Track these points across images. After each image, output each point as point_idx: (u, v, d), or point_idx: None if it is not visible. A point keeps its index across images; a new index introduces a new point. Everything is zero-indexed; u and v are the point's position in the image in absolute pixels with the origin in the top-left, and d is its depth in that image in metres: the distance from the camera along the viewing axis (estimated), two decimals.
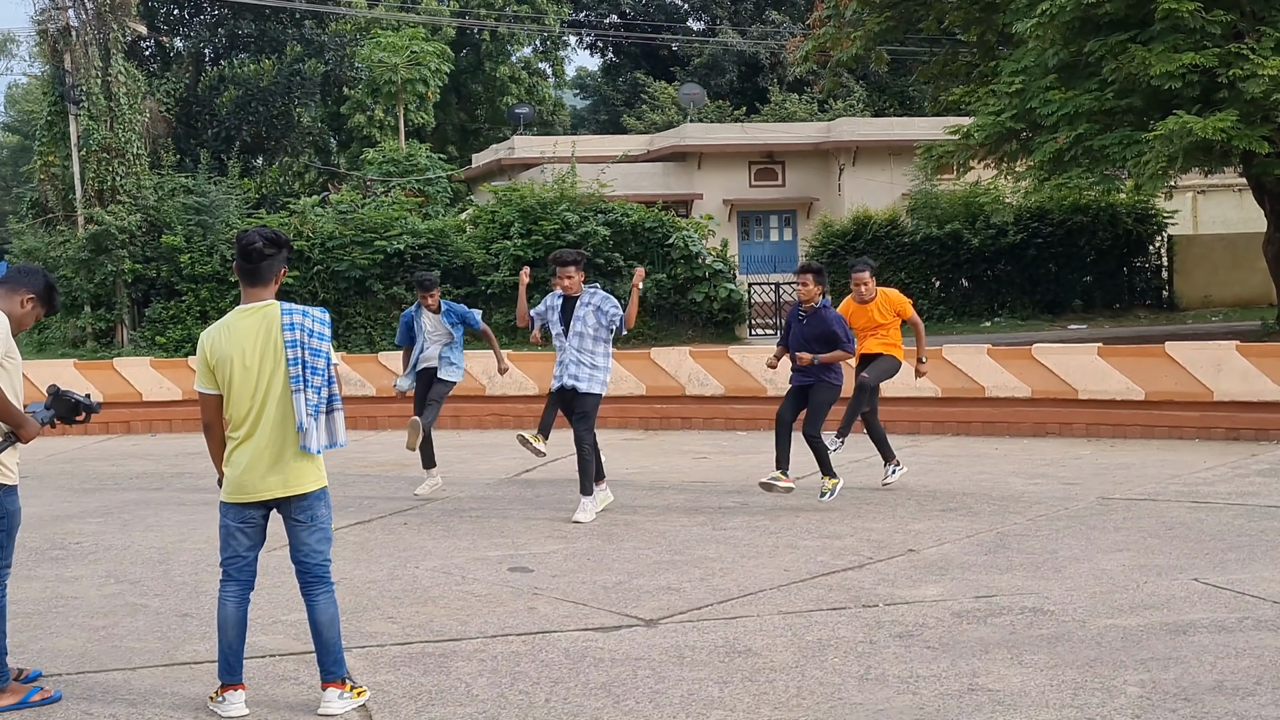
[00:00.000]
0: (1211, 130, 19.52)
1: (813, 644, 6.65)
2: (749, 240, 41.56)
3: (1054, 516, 9.93)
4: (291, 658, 6.64)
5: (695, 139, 41.54)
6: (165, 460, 15.28)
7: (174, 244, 27.81)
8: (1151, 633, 6.62)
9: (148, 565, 9.10)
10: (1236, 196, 37.10)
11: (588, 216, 28.94)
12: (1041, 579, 7.89)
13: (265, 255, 5.70)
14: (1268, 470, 11.70)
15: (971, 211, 33.20)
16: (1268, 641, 6.39)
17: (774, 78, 59.26)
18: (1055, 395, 14.62)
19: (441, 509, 11.21)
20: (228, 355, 5.66)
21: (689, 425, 16.59)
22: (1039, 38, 22.41)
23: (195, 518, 10.93)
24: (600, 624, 7.18)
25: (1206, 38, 20.45)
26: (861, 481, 11.88)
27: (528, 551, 9.22)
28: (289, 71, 45.57)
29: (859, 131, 41.30)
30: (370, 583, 8.30)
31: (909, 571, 8.24)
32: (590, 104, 74.07)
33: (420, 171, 39.58)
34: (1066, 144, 22.09)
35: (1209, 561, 8.18)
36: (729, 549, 9.10)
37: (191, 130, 43.65)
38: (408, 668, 6.43)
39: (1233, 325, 28.84)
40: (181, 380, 18.37)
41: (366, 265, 28.08)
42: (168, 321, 27.97)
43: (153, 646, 6.94)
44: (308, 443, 5.66)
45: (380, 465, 14.13)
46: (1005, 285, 33.15)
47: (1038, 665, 6.16)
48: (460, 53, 57.61)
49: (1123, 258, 34.22)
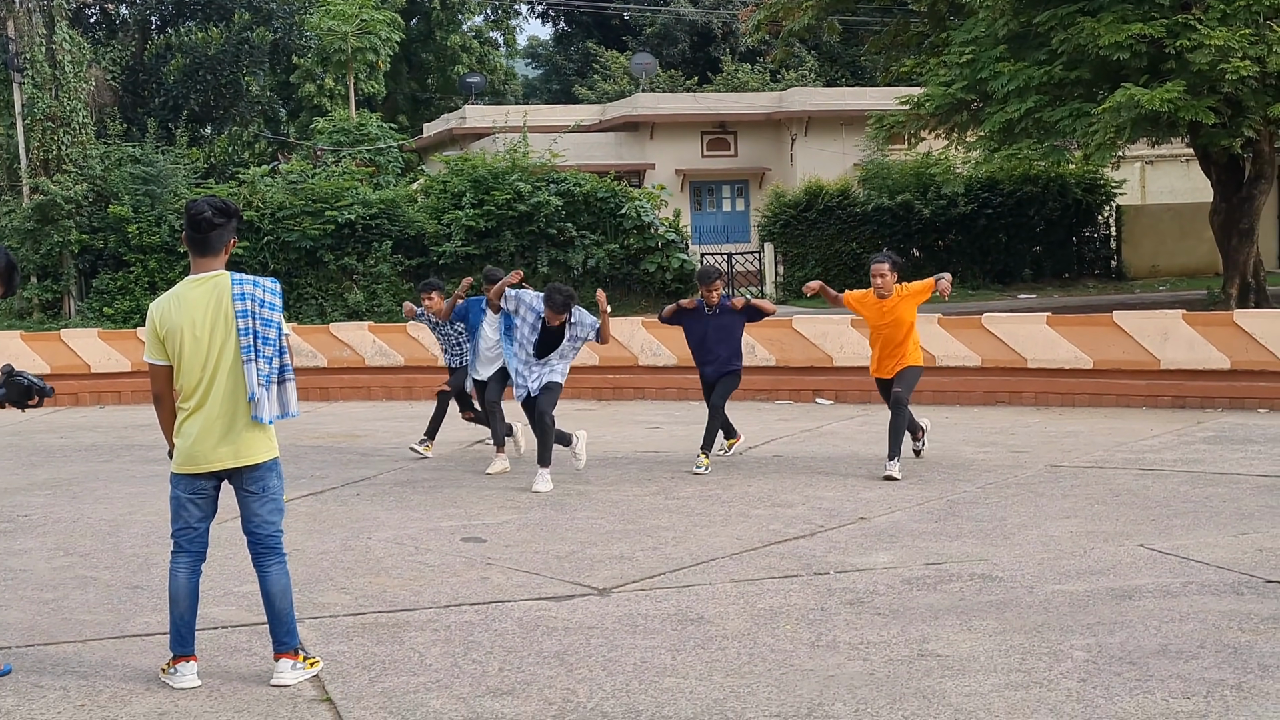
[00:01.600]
0: (1159, 102, 19.67)
1: (764, 611, 6.70)
2: (701, 210, 41.54)
3: (1003, 484, 10.03)
4: (244, 629, 6.62)
5: (647, 109, 41.43)
6: (114, 432, 15.16)
7: (121, 214, 27.48)
8: (1098, 598, 6.71)
9: (97, 538, 9.04)
10: (1184, 167, 37.42)
11: (540, 186, 28.81)
12: (990, 546, 7.98)
13: (214, 225, 5.65)
14: (1213, 438, 11.85)
15: (923, 182, 33.30)
16: (1211, 605, 6.50)
17: (726, 47, 59.18)
18: (1005, 364, 14.74)
19: (394, 480, 11.19)
20: (178, 326, 5.62)
21: (642, 395, 16.63)
22: (989, 8, 22.49)
23: (145, 490, 10.86)
24: (553, 593, 7.20)
25: (1154, 9, 20.59)
26: (812, 451, 11.95)
27: (481, 522, 9.23)
28: (237, 40, 45.05)
29: (811, 102, 41.30)
30: (323, 554, 8.28)
31: (860, 539, 8.31)
32: (542, 73, 73.71)
33: (371, 141, 39.24)
34: (1016, 115, 22.20)
35: (1155, 528, 8.29)
36: (681, 518, 9.14)
37: (138, 99, 43.10)
38: (361, 638, 6.44)
39: (1179, 294, 29.15)
40: (130, 352, 18.22)
41: (317, 236, 27.84)
42: (115, 292, 27.66)
43: (103, 619, 6.90)
44: (259, 413, 5.63)
45: (332, 436, 14.08)
46: (956, 255, 33.29)
47: (986, 631, 6.23)
48: (411, 21, 57.15)
49: (1072, 228, 34.45)
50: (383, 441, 13.64)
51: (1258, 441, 11.50)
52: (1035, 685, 5.44)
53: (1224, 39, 19.40)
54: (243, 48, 44.97)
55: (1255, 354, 13.44)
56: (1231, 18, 19.93)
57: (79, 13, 39.33)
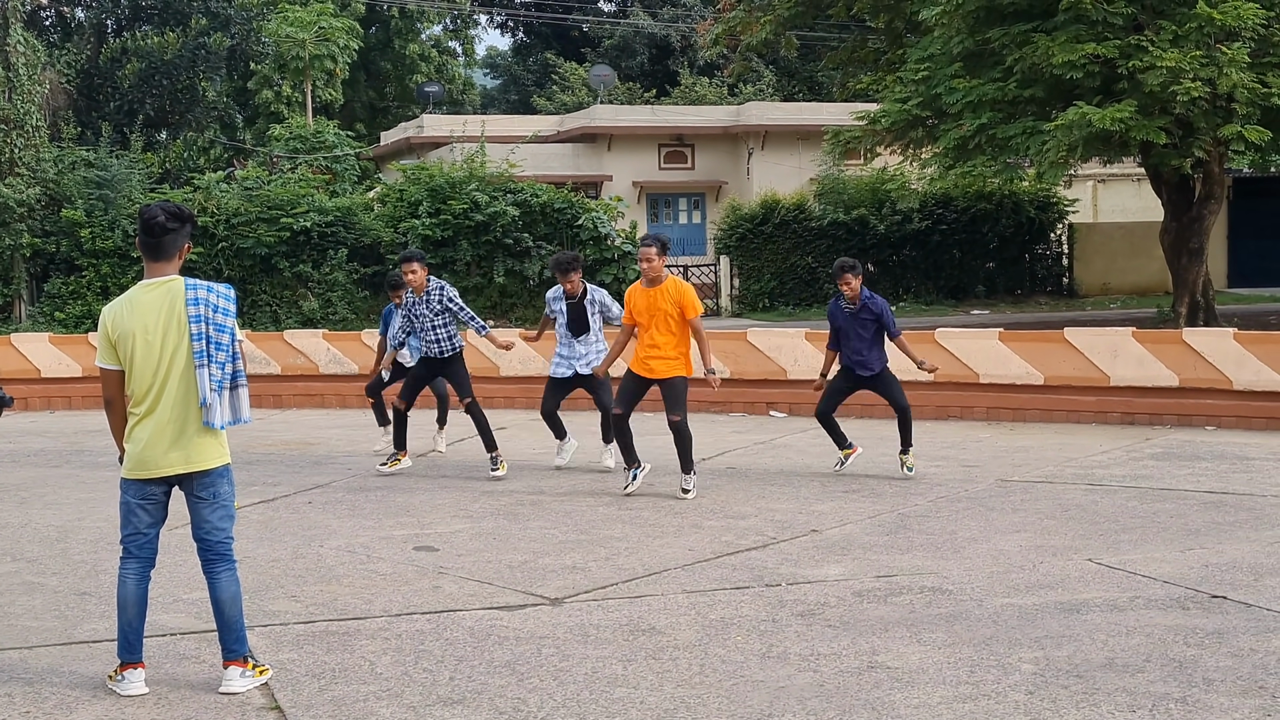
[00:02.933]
0: (1110, 121, 19.88)
1: (716, 622, 6.72)
2: (658, 222, 41.59)
3: (954, 498, 10.10)
4: (193, 636, 6.58)
5: (605, 120, 41.50)
6: (64, 438, 15.02)
7: (74, 218, 27.25)
8: (1046, 611, 6.77)
9: (45, 543, 8.96)
10: (1135, 186, 37.83)
11: (497, 196, 28.80)
12: (941, 559, 8.03)
13: (168, 230, 5.63)
14: (1161, 454, 11.98)
15: (878, 197, 33.51)
16: (1158, 620, 6.57)
17: (684, 61, 59.35)
18: (957, 379, 14.83)
19: (347, 487, 11.15)
20: (130, 330, 5.59)
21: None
22: (945, 26, 22.67)
23: (95, 495, 10.77)
24: (505, 603, 7.19)
25: (1108, 29, 20.81)
26: (765, 463, 11.99)
27: (433, 530, 9.21)
28: (194, 45, 44.84)
29: (768, 116, 41.49)
30: (274, 561, 8.24)
31: (811, 551, 8.35)
32: (500, 84, 73.67)
33: (328, 149, 39.13)
34: (970, 132, 22.38)
35: (1103, 542, 8.37)
36: (634, 529, 9.15)
37: (93, 103, 42.79)
38: (311, 646, 6.41)
39: (1130, 312, 29.45)
40: (81, 357, 18.07)
41: (272, 243, 27.72)
42: (67, 297, 27.42)
43: (50, 625, 6.84)
44: (211, 418, 5.61)
45: (285, 444, 14.01)
46: (910, 270, 33.54)
47: (936, 643, 6.28)
48: (369, 29, 57.02)
49: (1025, 245, 34.78)
50: (336, 449, 13.58)
51: (1205, 458, 11.64)
52: (983, 698, 5.48)
53: (1176, 60, 19.63)
54: (199, 53, 44.77)
55: (1203, 372, 13.60)
56: (1183, 39, 20.17)
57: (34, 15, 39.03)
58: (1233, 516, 9.09)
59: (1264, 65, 20.65)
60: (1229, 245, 37.06)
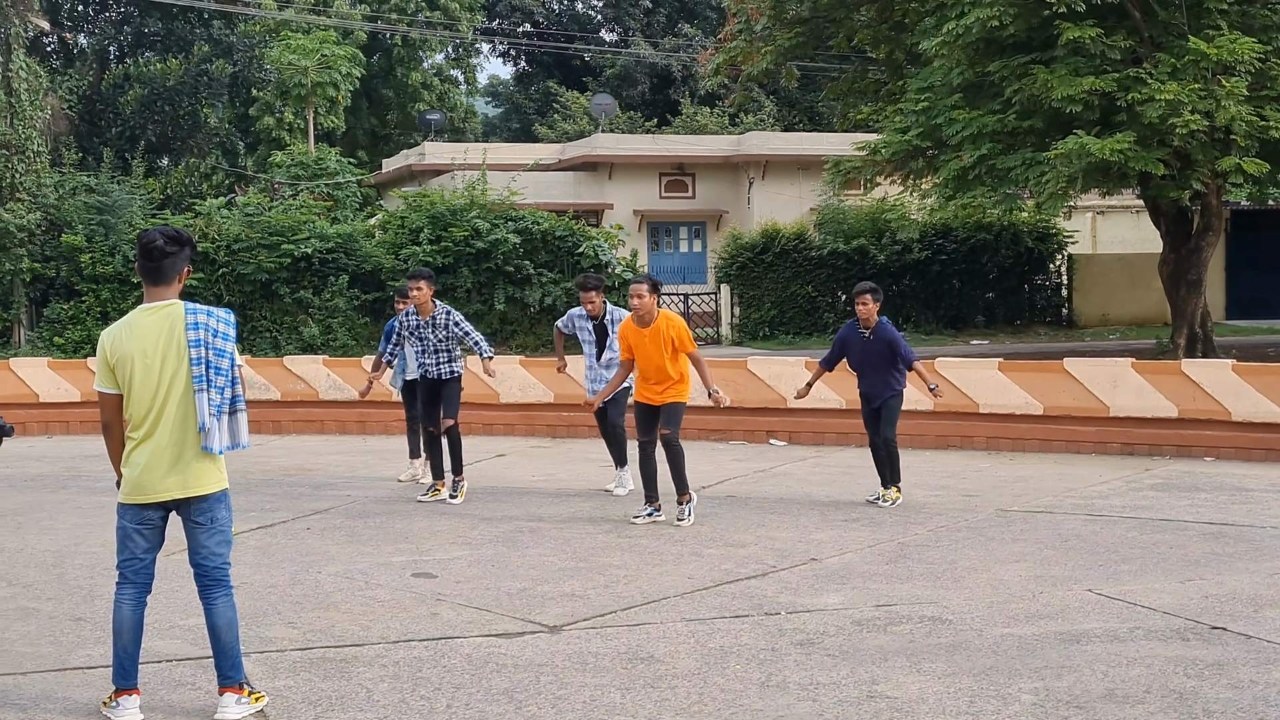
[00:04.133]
0: (1109, 151, 19.93)
1: (715, 651, 6.69)
2: (659, 251, 41.68)
3: (954, 527, 10.07)
4: (188, 663, 6.55)
5: (607, 149, 41.62)
6: (61, 463, 15.00)
7: (74, 243, 27.30)
8: (1046, 642, 6.75)
9: (41, 568, 8.93)
10: (1134, 218, 37.90)
11: (498, 224, 28.86)
12: (941, 588, 8.01)
13: (167, 254, 5.63)
14: (1160, 485, 11.96)
15: (878, 227, 33.59)
16: (1158, 651, 6.54)
17: (686, 90, 59.55)
18: (957, 409, 14.82)
19: (346, 513, 11.12)
20: (129, 354, 5.59)
21: (597, 434, 16.53)
22: (945, 57, 22.73)
23: (92, 521, 10.74)
24: (504, 630, 7.17)
25: (1107, 62, 20.88)
26: (765, 491, 11.97)
27: (432, 557, 9.18)
28: (196, 71, 44.95)
29: (769, 145, 41.61)
30: (271, 587, 8.21)
31: (811, 580, 8.32)
32: (502, 112, 73.90)
33: (329, 175, 39.19)
34: (970, 163, 22.43)
35: (1103, 573, 8.34)
36: (634, 556, 9.13)
37: (95, 128, 42.89)
38: (307, 673, 6.38)
39: (1129, 343, 29.45)
40: (80, 382, 18.05)
41: (273, 269, 27.76)
42: (67, 322, 27.43)
43: (45, 651, 6.81)
44: (209, 443, 5.59)
45: (283, 470, 13.98)
46: (910, 300, 33.57)
47: (935, 673, 6.25)
48: (372, 57, 57.21)
49: (1024, 275, 34.83)
50: (335, 475, 13.55)
51: (1204, 489, 11.62)
52: None
53: (1174, 93, 19.69)
54: (201, 79, 44.87)
55: (1202, 403, 13.59)
56: (1181, 73, 20.24)
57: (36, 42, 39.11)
58: (1232, 548, 9.07)
59: (1262, 99, 20.70)
60: (1227, 277, 37.11)
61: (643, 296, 10.26)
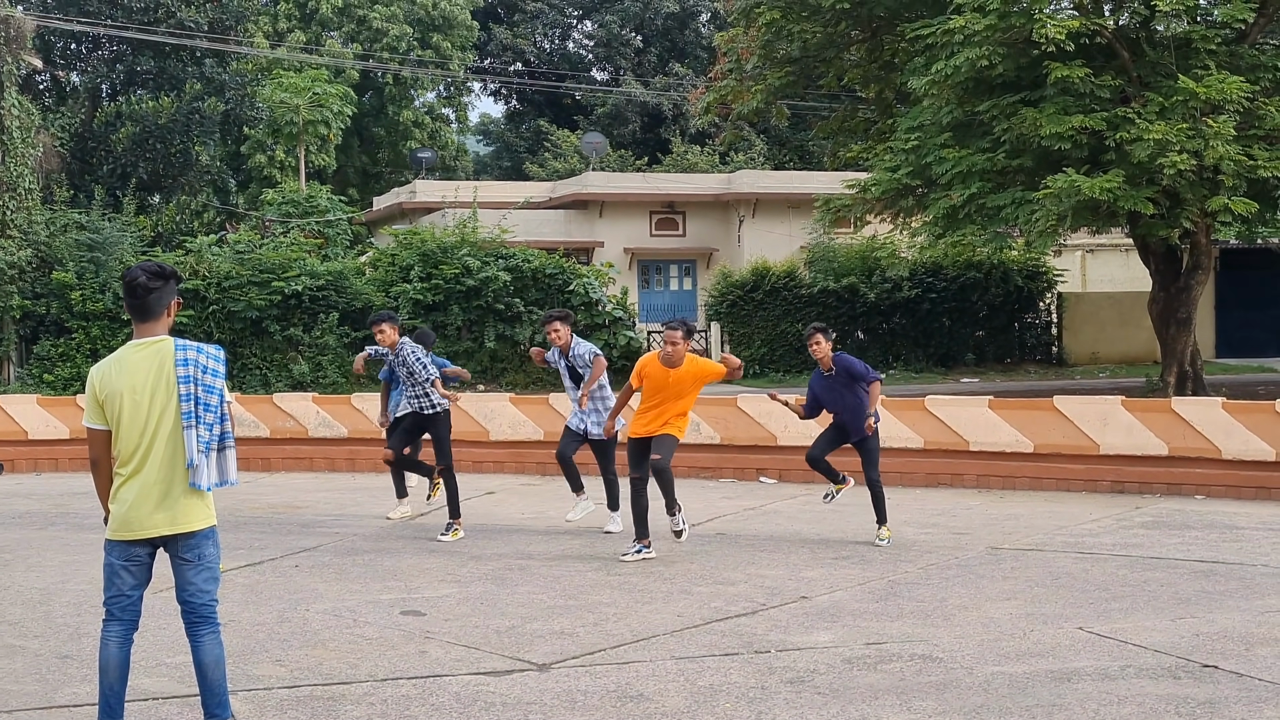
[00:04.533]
0: (1099, 190, 20.03)
1: (705, 689, 6.66)
2: (649, 289, 41.72)
3: (944, 565, 10.06)
4: (175, 700, 6.51)
5: (597, 187, 41.71)
6: (50, 500, 14.94)
7: (65, 280, 27.27)
8: (1037, 680, 6.72)
9: (28, 606, 8.88)
10: (1123, 256, 38.03)
11: (489, 261, 28.87)
12: (931, 626, 7.99)
13: (151, 289, 5.62)
14: (1150, 523, 11.96)
15: (868, 265, 33.66)
16: (1149, 689, 6.52)
17: (676, 129, 59.77)
18: (947, 446, 14.83)
19: (334, 551, 11.08)
20: (118, 390, 5.57)
21: (586, 471, 16.51)
22: (934, 97, 22.88)
23: (79, 558, 10.69)
24: (492, 668, 7.13)
25: (1095, 101, 21.03)
26: (755, 529, 11.94)
27: (420, 595, 9.14)
28: (188, 109, 45.04)
29: (759, 184, 41.72)
30: (259, 625, 8.17)
31: (801, 618, 8.29)
32: (493, 150, 74.10)
33: (320, 213, 39.23)
34: (960, 201, 22.52)
35: (1094, 611, 8.33)
36: (623, 594, 9.10)
37: (86, 166, 42.93)
38: (295, 711, 6.34)
39: (1119, 381, 29.50)
40: (69, 419, 18.00)
41: (263, 306, 27.73)
42: (56, 359, 27.37)
43: (30, 689, 6.76)
44: (198, 480, 5.57)
45: (272, 507, 13.93)
46: (900, 338, 33.61)
47: (926, 711, 6.23)
48: (363, 95, 57.40)
49: (1014, 314, 34.89)
50: (324, 513, 13.50)
51: (1194, 527, 11.61)
52: None
53: (1162, 133, 19.81)
54: (193, 118, 44.95)
55: (1192, 441, 13.60)
56: (1170, 112, 20.38)
57: (29, 79, 39.19)
58: (1223, 586, 9.06)
59: (1250, 138, 20.84)
60: (1216, 315, 37.20)
61: (676, 343, 10.43)
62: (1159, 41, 21.77)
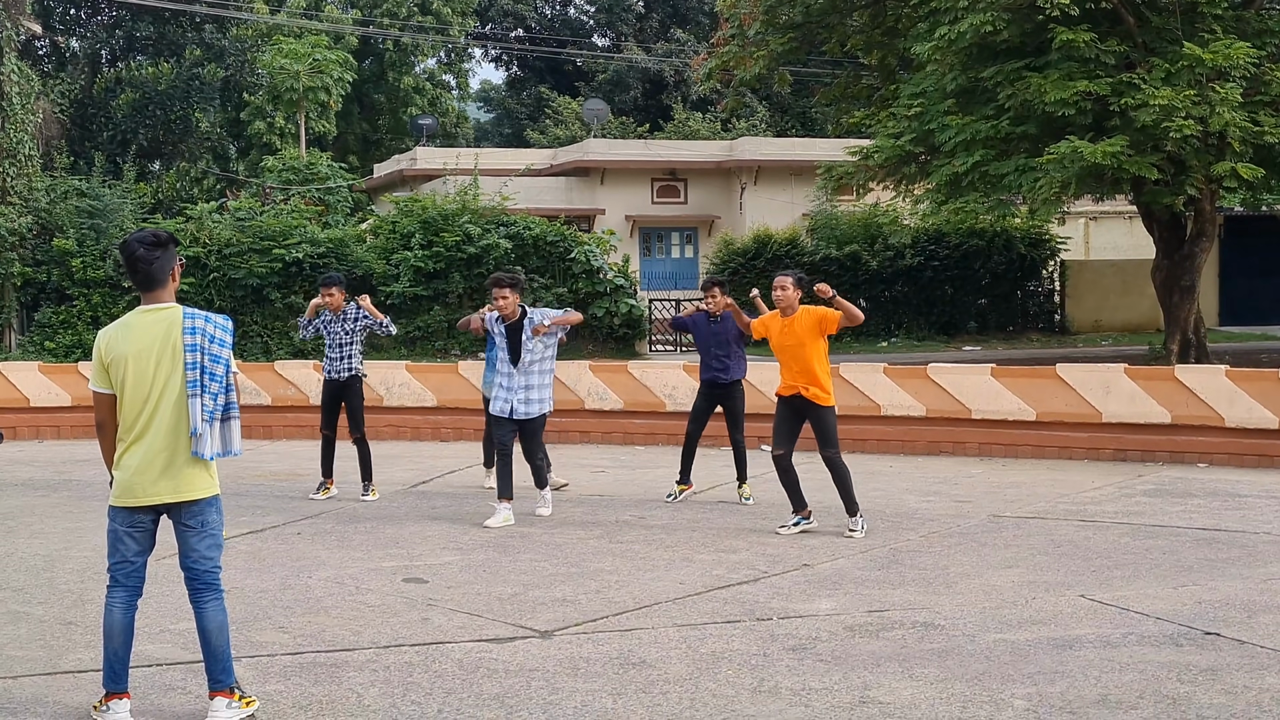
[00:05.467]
0: (1102, 155, 19.94)
1: (707, 656, 6.67)
2: (650, 256, 41.66)
3: (946, 533, 10.06)
4: (179, 667, 6.52)
5: (598, 154, 41.60)
6: (52, 467, 14.94)
7: (66, 248, 27.22)
8: (1039, 647, 6.73)
9: (31, 572, 8.89)
10: (1127, 224, 37.96)
11: (490, 229, 28.82)
12: (933, 594, 7.99)
13: (152, 260, 5.62)
14: (1153, 490, 11.96)
15: (870, 233, 33.59)
16: (1151, 656, 6.53)
17: (678, 95, 59.57)
18: (949, 414, 14.82)
19: (336, 519, 11.09)
20: (123, 354, 5.57)
21: (587, 439, 16.57)
22: (938, 63, 22.77)
23: (82, 525, 10.70)
24: (495, 635, 7.14)
25: (1100, 67, 20.91)
26: (757, 497, 11.94)
27: (423, 562, 9.15)
28: (188, 76, 44.89)
29: (761, 151, 41.59)
30: (262, 592, 8.18)
31: (803, 586, 8.30)
32: (493, 117, 73.88)
33: (321, 180, 39.13)
34: (964, 169, 22.44)
35: (1095, 578, 8.33)
36: (625, 562, 9.10)
37: (86, 132, 42.81)
38: (298, 677, 6.35)
39: (1121, 349, 29.48)
40: (71, 386, 18.00)
41: (264, 274, 27.70)
42: (58, 326, 27.35)
43: (35, 655, 6.78)
44: (201, 448, 5.57)
45: (274, 475, 13.94)
46: (902, 306, 33.56)
47: (928, 678, 6.23)
48: (363, 62, 57.16)
49: (1017, 281, 34.82)
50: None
51: (1197, 495, 11.62)
52: None
53: (1167, 98, 19.71)
54: (193, 84, 44.81)
55: (1195, 409, 13.59)
56: (1175, 78, 20.27)
57: (28, 45, 39.04)
58: (1226, 553, 9.07)
59: (1256, 104, 20.74)
60: (1220, 283, 37.15)
61: (786, 288, 10.22)
62: (1164, 6, 21.62)
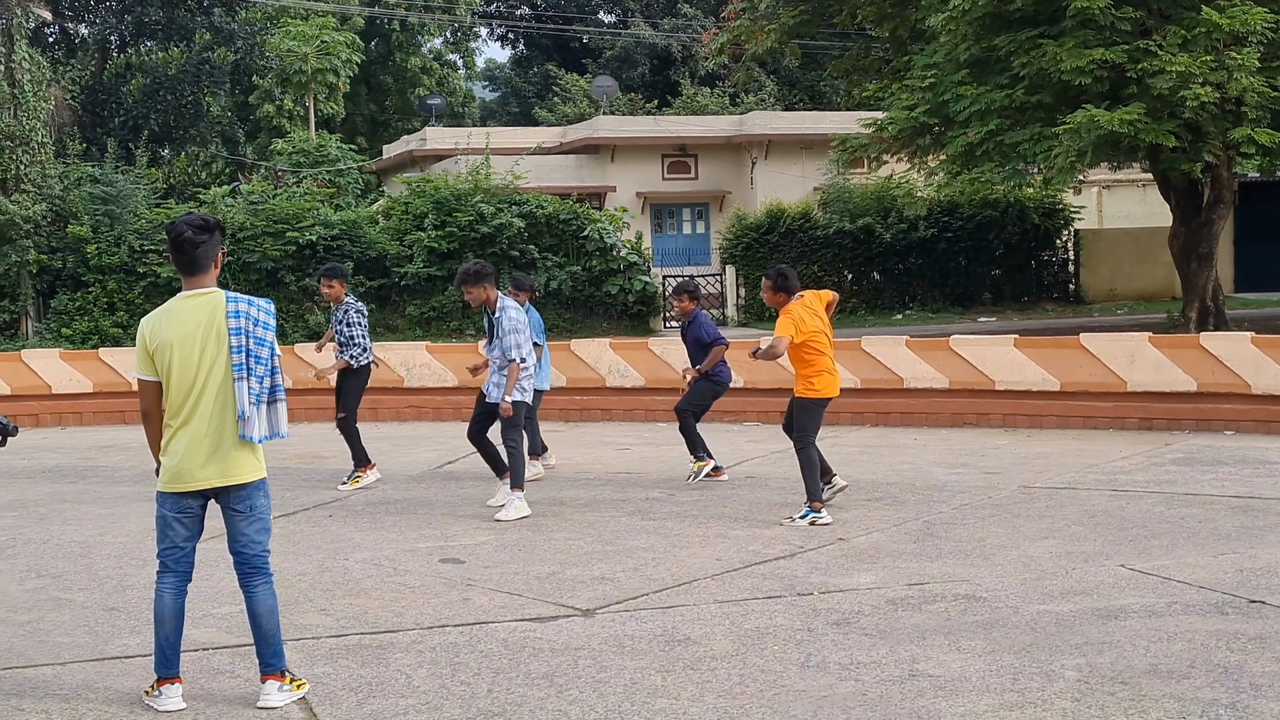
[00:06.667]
0: (1119, 123, 19.82)
1: (751, 632, 6.67)
2: (662, 233, 41.61)
3: (978, 505, 10.04)
4: (226, 651, 6.53)
5: (608, 131, 41.53)
6: (77, 454, 14.97)
7: (80, 234, 27.23)
8: (1084, 618, 6.72)
9: (69, 559, 8.90)
10: (1140, 192, 37.81)
11: (502, 208, 28.79)
12: (972, 566, 7.98)
13: (198, 243, 5.62)
14: (1182, 459, 11.93)
15: (884, 205, 33.50)
16: (1198, 625, 6.52)
17: (686, 71, 59.36)
18: (972, 386, 14.78)
19: (366, 501, 11.10)
20: (168, 341, 5.56)
21: (609, 417, 16.58)
22: (951, 33, 22.63)
23: (114, 510, 10.73)
24: (537, 614, 7.14)
25: (1116, 34, 20.77)
26: (784, 472, 11.92)
27: (457, 543, 9.16)
28: (198, 60, 44.77)
29: (771, 125, 41.48)
30: (300, 575, 8.19)
31: (840, 560, 8.29)
32: (499, 96, 73.67)
33: (330, 162, 39.10)
34: (978, 139, 22.33)
35: (1133, 548, 8.31)
36: (660, 539, 9.10)
37: (98, 119, 42.73)
38: (345, 660, 6.36)
39: (1138, 318, 29.41)
40: (92, 373, 18.03)
41: (278, 257, 27.72)
42: (74, 313, 27.38)
43: (81, 641, 6.79)
44: (248, 431, 5.57)
45: (299, 457, 13.97)
46: (916, 278, 33.50)
47: (975, 651, 6.23)
48: (370, 43, 57.07)
49: (1031, 251, 34.74)
50: (349, 463, 13.44)
51: (1227, 463, 11.58)
52: (1030, 705, 5.43)
53: (1185, 65, 19.59)
54: (203, 68, 44.69)
55: (1221, 376, 13.55)
56: (1192, 44, 20.14)
57: (38, 32, 39.01)
58: (1262, 521, 9.04)
59: (1273, 69, 20.60)
60: (1235, 250, 37.01)
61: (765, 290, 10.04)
62: None
